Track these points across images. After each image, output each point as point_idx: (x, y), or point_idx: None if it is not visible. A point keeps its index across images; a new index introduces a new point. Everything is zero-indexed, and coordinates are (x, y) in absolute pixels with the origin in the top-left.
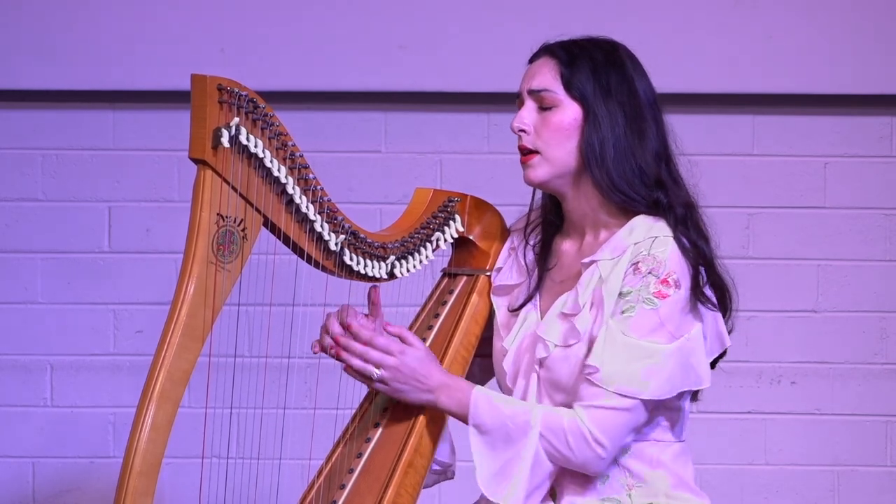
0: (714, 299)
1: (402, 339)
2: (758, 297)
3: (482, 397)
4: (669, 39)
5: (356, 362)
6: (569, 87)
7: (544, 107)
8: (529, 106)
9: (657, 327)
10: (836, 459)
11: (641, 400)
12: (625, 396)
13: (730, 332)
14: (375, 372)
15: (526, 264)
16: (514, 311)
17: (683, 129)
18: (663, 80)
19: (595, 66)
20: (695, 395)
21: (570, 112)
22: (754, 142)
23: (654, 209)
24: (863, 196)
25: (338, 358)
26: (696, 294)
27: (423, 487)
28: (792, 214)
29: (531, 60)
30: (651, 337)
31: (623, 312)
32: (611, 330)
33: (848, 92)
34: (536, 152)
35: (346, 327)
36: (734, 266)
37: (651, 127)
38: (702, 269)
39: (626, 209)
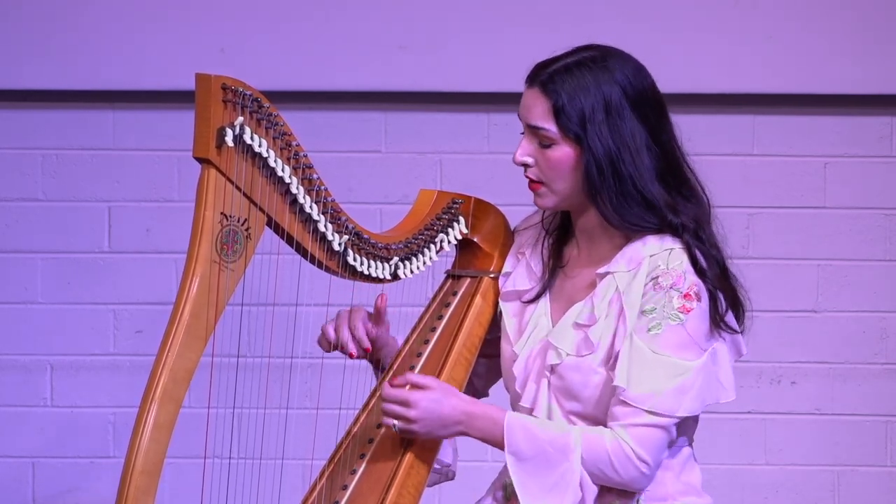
0: (733, 323)
1: (413, 385)
2: (758, 297)
3: (516, 424)
4: (669, 39)
5: (386, 420)
6: (562, 126)
7: (543, 143)
8: (529, 139)
9: (686, 343)
10: (836, 459)
11: (676, 417)
12: (660, 415)
13: (744, 333)
14: (394, 423)
15: (542, 257)
16: (527, 303)
17: (683, 129)
18: (663, 80)
19: (586, 96)
20: None
21: (566, 150)
22: (754, 142)
23: (665, 230)
24: (863, 196)
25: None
26: (716, 321)
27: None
28: (792, 214)
29: (526, 81)
30: (681, 353)
31: (650, 330)
32: (638, 348)
33: (848, 92)
34: (542, 183)
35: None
36: (734, 266)
37: (651, 147)
38: (720, 295)
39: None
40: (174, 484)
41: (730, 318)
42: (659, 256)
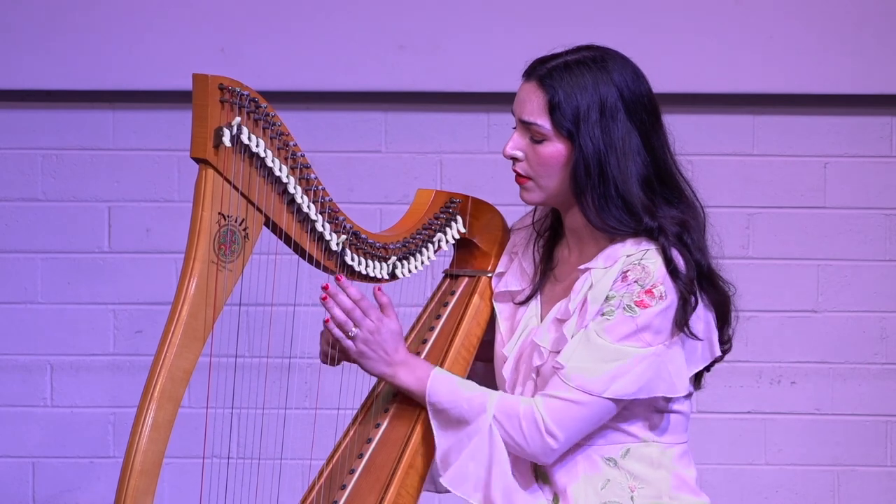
0: (697, 330)
1: (383, 309)
2: (758, 297)
3: (442, 377)
4: (670, 39)
5: (338, 313)
6: (556, 123)
7: (535, 139)
8: (520, 133)
9: (632, 333)
10: (836, 459)
11: (604, 398)
12: (584, 392)
13: (732, 337)
14: (353, 329)
15: (534, 258)
16: (519, 304)
17: (683, 129)
18: (664, 80)
19: (583, 94)
20: (687, 396)
21: (558, 147)
22: (754, 142)
23: (644, 234)
24: (863, 196)
25: (324, 304)
26: (678, 324)
27: (438, 492)
28: (792, 214)
29: (523, 75)
30: (624, 341)
31: (602, 315)
32: (587, 331)
33: (848, 92)
34: (529, 178)
35: (336, 279)
36: (734, 266)
37: (640, 152)
38: (691, 300)
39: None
40: (173, 484)
41: (696, 324)
42: (635, 255)
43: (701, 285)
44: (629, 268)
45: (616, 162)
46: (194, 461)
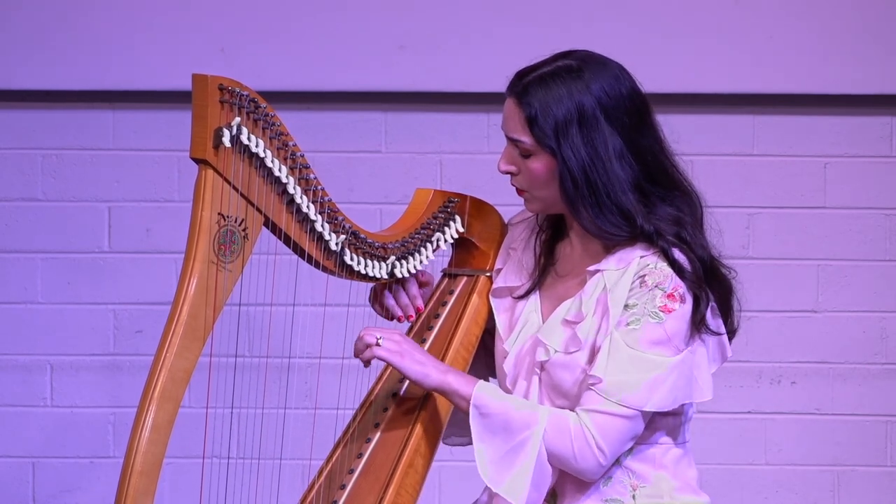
0: (715, 326)
1: None
2: (758, 297)
3: (490, 386)
4: (669, 39)
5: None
6: (537, 138)
7: (522, 154)
8: (510, 148)
9: (662, 341)
10: (836, 459)
11: (644, 411)
12: (625, 406)
13: (736, 330)
14: (376, 336)
15: (534, 253)
16: (518, 298)
17: (683, 129)
18: (664, 80)
19: (559, 107)
20: None
21: (543, 161)
22: (754, 142)
23: (640, 238)
24: (863, 196)
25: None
26: (696, 324)
27: (463, 445)
28: (792, 214)
29: (506, 91)
30: (656, 349)
31: (629, 325)
32: (615, 341)
33: (848, 92)
34: (526, 190)
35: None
36: (734, 266)
37: (625, 156)
38: (703, 298)
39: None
40: (173, 484)
41: (711, 320)
42: (649, 258)
43: (707, 280)
44: (646, 272)
45: (603, 170)
46: (194, 461)
